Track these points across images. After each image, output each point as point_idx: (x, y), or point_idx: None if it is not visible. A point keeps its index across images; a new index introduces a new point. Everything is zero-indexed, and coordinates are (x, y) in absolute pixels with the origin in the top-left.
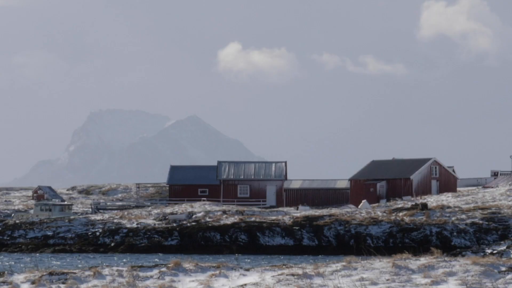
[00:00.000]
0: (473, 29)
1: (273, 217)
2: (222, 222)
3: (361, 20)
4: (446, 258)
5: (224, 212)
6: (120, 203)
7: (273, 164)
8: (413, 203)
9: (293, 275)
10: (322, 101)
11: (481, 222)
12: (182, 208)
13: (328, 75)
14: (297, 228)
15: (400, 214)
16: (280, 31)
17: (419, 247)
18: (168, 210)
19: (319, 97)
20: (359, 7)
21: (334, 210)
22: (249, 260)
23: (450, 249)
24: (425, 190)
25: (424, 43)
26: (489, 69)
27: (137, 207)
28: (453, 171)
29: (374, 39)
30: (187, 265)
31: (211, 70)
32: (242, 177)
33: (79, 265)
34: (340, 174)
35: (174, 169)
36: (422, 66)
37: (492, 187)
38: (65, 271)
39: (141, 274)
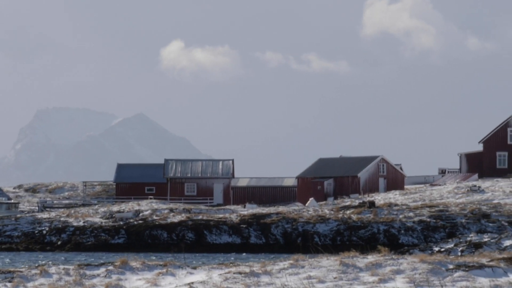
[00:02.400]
0: (416, 26)
1: (220, 215)
2: (169, 220)
3: (304, 18)
4: (393, 256)
5: (171, 210)
6: (67, 201)
7: (220, 162)
8: (361, 201)
9: (240, 273)
10: (267, 99)
11: (428, 220)
12: (129, 206)
13: (272, 73)
14: (244, 226)
15: (348, 212)
16: (223, 28)
17: (367, 245)
18: (115, 208)
19: (263, 94)
20: (302, 5)
21: (281, 208)
22: (196, 259)
23: (397, 247)
24: (372, 188)
25: (368, 41)
26: (433, 67)
27: (84, 205)
28: (401, 168)
29: (317, 37)
30: (134, 263)
31: (154, 68)
32: (189, 175)
33: (26, 264)
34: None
35: (121, 167)
36: (366, 63)
37: (440, 185)
38: (12, 269)
39: (88, 272)
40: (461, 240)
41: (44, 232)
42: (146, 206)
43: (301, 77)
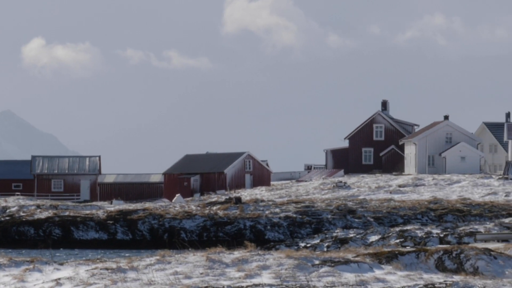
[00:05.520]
0: (277, 23)
1: (87, 212)
2: (36, 217)
3: (164, 15)
4: (259, 252)
5: (38, 206)
6: None
7: (87, 159)
8: (227, 197)
9: (107, 269)
10: (129, 95)
11: (294, 215)
12: None
13: (133, 70)
14: (111, 222)
15: (214, 208)
16: (84, 26)
17: (233, 240)
18: None
19: (125, 91)
20: (162, 2)
21: (148, 204)
22: (63, 255)
23: (264, 242)
24: (239, 184)
25: (228, 38)
26: (295, 64)
27: None
28: (267, 165)
29: (178, 34)
30: (0, 259)
31: (16, 66)
32: (56, 171)
33: None
34: (154, 168)
35: None
36: (228, 60)
37: (306, 181)
38: None
39: None
40: (327, 235)
41: None
42: (13, 203)
43: (162, 74)
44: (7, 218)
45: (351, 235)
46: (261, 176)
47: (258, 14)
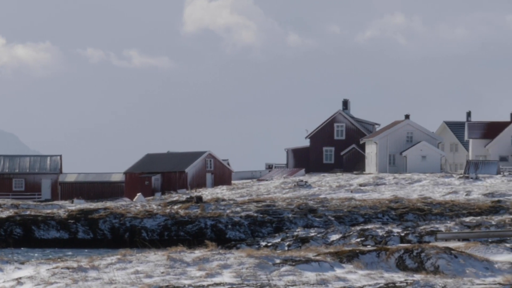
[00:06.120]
0: (237, 22)
1: (48, 211)
2: None
3: (124, 14)
4: (221, 251)
5: None
6: None
7: (48, 158)
8: (188, 196)
9: (68, 268)
10: (90, 95)
11: (255, 214)
12: None
13: (93, 69)
14: (72, 221)
15: (175, 207)
16: (44, 25)
17: (194, 240)
18: None
19: (86, 90)
20: (122, 1)
21: (109, 203)
22: (24, 254)
23: (225, 241)
24: (200, 183)
25: (189, 38)
26: (255, 63)
27: None
28: (228, 164)
29: (138, 34)
30: None
31: None
32: (17, 170)
33: None
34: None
35: None
36: (189, 60)
37: (267, 180)
38: None
39: None
40: (288, 234)
41: None
42: None
43: (123, 73)
44: None
45: (312, 234)
46: (222, 175)
47: (218, 13)
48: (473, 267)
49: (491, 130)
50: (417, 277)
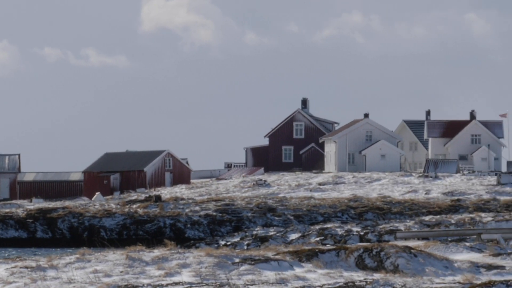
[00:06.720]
0: (195, 21)
1: (7, 210)
2: None
3: (81, 13)
4: (180, 250)
5: None
6: None
7: (6, 157)
8: (147, 195)
9: (26, 267)
10: (48, 93)
11: (214, 213)
12: None
13: (51, 68)
14: (30, 220)
15: (134, 206)
16: (1, 24)
17: (153, 239)
18: None
19: (44, 89)
20: (80, 0)
21: (68, 203)
22: None
23: (184, 241)
24: (159, 182)
25: (146, 37)
26: (213, 62)
27: None
28: (187, 163)
29: (95, 32)
30: None
31: None
32: None
33: None
34: (74, 167)
35: None
36: (146, 59)
37: (226, 179)
38: None
39: None
40: (247, 234)
41: None
42: None
43: (80, 72)
44: None
45: (271, 233)
46: (181, 174)
47: (175, 12)
48: (433, 266)
49: (451, 129)
50: (377, 276)
